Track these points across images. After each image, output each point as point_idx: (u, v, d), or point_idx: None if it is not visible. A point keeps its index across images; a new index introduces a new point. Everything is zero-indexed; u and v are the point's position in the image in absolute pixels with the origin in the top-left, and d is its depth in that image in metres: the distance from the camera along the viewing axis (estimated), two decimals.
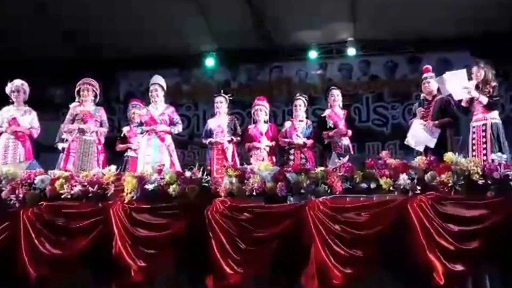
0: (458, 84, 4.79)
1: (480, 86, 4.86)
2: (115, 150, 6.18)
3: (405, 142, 5.25)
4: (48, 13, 7.20)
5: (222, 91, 6.10)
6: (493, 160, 3.78)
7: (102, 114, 5.51)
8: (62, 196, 4.04)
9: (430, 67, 5.54)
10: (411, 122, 5.39)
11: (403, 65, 8.41)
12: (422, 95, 5.41)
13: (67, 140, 5.50)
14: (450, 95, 4.99)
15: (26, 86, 5.64)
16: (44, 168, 4.42)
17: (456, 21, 7.26)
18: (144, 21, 7.34)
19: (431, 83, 5.28)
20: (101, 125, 5.47)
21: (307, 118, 6.15)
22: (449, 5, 6.91)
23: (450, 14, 7.06)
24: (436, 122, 5.14)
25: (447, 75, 4.91)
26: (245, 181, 3.84)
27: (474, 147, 4.82)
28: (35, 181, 4.14)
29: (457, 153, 3.85)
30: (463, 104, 4.90)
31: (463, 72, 4.86)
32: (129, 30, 7.51)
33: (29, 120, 5.56)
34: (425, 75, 5.43)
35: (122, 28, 7.50)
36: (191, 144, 8.49)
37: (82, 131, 5.33)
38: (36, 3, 6.98)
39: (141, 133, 5.43)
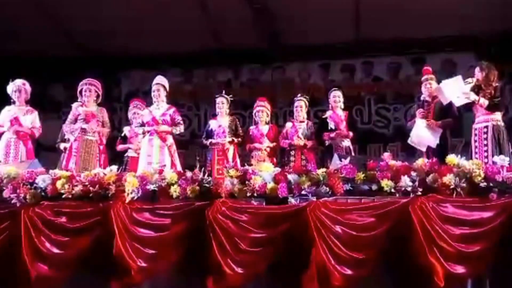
0: (456, 90, 4.78)
1: (483, 87, 4.85)
2: (115, 150, 6.19)
3: (408, 141, 5.24)
4: (50, 12, 7.21)
5: (223, 92, 6.10)
6: (495, 163, 3.77)
7: (104, 114, 5.53)
8: (63, 196, 4.04)
9: (430, 68, 5.54)
10: (411, 123, 5.38)
11: (407, 66, 8.39)
12: (422, 96, 5.41)
13: (69, 140, 5.52)
14: (450, 102, 4.98)
15: (27, 86, 5.67)
16: (44, 167, 4.43)
17: (460, 21, 7.23)
18: (146, 20, 7.35)
19: (433, 85, 5.28)
20: (103, 126, 5.49)
21: (308, 119, 6.15)
22: (453, 5, 6.88)
23: (454, 14, 7.03)
24: (439, 122, 5.14)
25: (443, 84, 4.91)
26: (246, 182, 3.83)
27: (476, 149, 4.81)
28: (36, 181, 4.15)
29: (459, 155, 3.84)
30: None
31: (458, 78, 4.86)
32: (130, 29, 7.51)
33: (31, 120, 5.58)
34: (425, 76, 5.42)
35: (123, 28, 7.51)
36: (192, 144, 8.50)
37: (84, 131, 5.34)
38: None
39: (143, 133, 5.44)
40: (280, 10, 7.34)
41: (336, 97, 5.89)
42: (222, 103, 5.96)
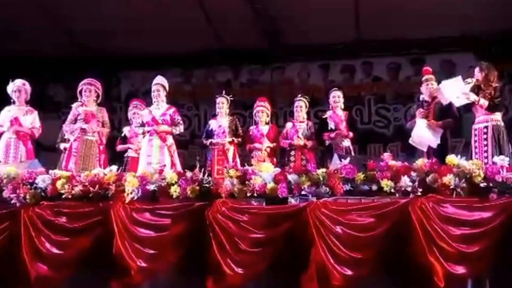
0: (456, 91, 4.78)
1: (482, 87, 4.85)
2: (115, 150, 6.19)
3: (410, 141, 5.24)
4: (50, 12, 7.21)
5: (223, 92, 6.11)
6: (495, 163, 3.77)
7: (104, 114, 5.54)
8: (63, 196, 4.04)
9: (430, 68, 5.55)
10: (411, 123, 5.39)
11: (406, 66, 8.39)
12: (422, 96, 5.41)
13: (69, 140, 5.52)
14: (450, 102, 4.98)
15: (27, 86, 5.67)
16: (44, 167, 4.42)
17: (460, 21, 7.22)
18: (147, 20, 7.35)
19: (434, 85, 5.28)
20: (103, 126, 5.49)
21: (308, 119, 6.16)
22: (452, 5, 6.87)
23: (454, 14, 7.03)
24: (440, 122, 5.15)
25: (443, 84, 4.91)
26: (246, 182, 3.83)
27: (476, 150, 4.81)
28: (36, 181, 4.14)
29: (459, 155, 3.84)
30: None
31: (458, 79, 4.86)
32: (130, 29, 7.51)
33: (31, 120, 5.58)
34: (426, 77, 5.43)
35: (123, 27, 7.51)
36: (192, 144, 8.50)
37: (84, 131, 5.35)
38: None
39: (142, 133, 5.44)
40: (280, 10, 7.34)
41: (336, 97, 5.90)
42: (222, 103, 5.97)
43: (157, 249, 3.79)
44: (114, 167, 4.25)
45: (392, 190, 3.67)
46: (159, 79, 5.56)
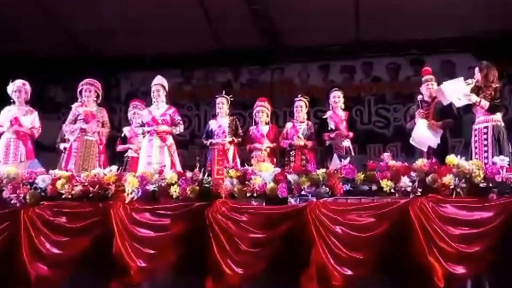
0: (457, 92, 4.78)
1: (482, 87, 4.86)
2: (115, 150, 6.20)
3: (410, 141, 5.24)
4: (50, 11, 7.22)
5: (223, 92, 6.11)
6: (495, 163, 3.77)
7: (104, 114, 5.54)
8: (63, 196, 4.04)
9: (429, 69, 5.55)
10: (410, 123, 5.39)
11: (406, 67, 8.41)
12: (420, 96, 5.41)
13: (68, 140, 5.52)
14: (450, 103, 4.98)
15: (27, 86, 5.67)
16: (44, 167, 4.43)
17: (459, 21, 7.23)
18: (146, 20, 7.35)
19: (434, 86, 5.28)
20: (103, 126, 5.50)
21: (308, 119, 6.15)
22: (452, 5, 6.88)
23: (454, 14, 7.04)
24: (440, 122, 5.15)
25: (445, 85, 4.91)
26: (246, 182, 3.83)
27: (476, 150, 4.82)
28: (36, 181, 4.14)
29: (459, 155, 3.84)
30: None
31: (460, 80, 4.87)
32: (130, 29, 7.52)
33: (31, 120, 5.58)
34: (426, 77, 5.43)
35: (123, 28, 7.51)
36: (192, 144, 8.50)
37: (84, 131, 5.35)
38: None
39: (142, 133, 5.44)
40: (280, 10, 7.34)
41: (336, 97, 5.90)
42: (222, 104, 5.97)
43: (157, 249, 3.79)
44: (114, 167, 4.25)
45: (392, 190, 3.67)
46: (159, 79, 5.57)
